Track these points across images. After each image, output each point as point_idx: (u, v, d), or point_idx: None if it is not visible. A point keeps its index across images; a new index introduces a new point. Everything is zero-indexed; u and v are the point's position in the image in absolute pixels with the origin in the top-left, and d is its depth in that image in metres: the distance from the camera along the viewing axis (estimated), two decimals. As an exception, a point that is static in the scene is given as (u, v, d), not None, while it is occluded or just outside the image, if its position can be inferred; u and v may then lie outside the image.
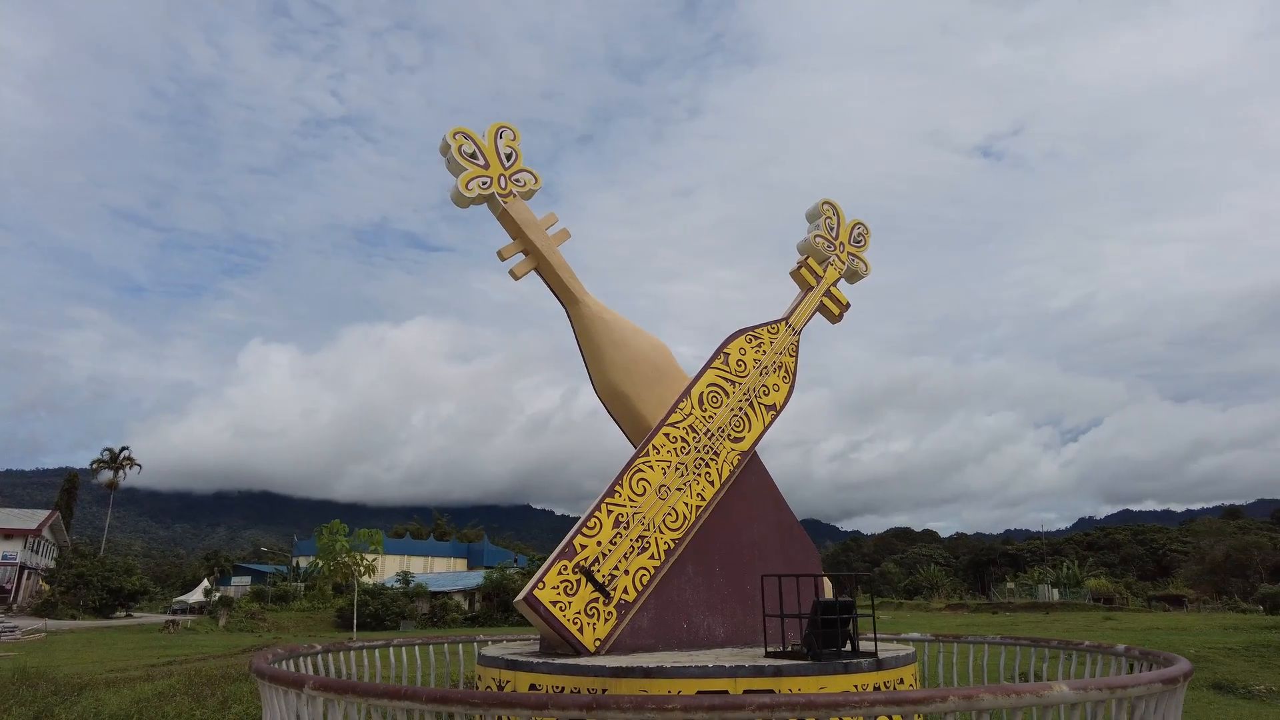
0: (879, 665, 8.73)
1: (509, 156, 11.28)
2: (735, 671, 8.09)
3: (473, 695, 5.92)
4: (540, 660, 8.94)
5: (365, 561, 23.36)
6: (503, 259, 11.11)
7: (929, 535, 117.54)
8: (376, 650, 12.68)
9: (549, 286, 11.39)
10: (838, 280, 12.83)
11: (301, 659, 10.74)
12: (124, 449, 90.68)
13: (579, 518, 10.28)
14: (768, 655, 9.07)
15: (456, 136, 10.97)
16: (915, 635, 13.62)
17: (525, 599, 9.26)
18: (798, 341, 12.09)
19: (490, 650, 10.39)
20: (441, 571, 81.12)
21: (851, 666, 8.46)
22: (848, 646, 8.92)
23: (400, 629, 58.89)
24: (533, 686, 8.68)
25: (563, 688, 8.40)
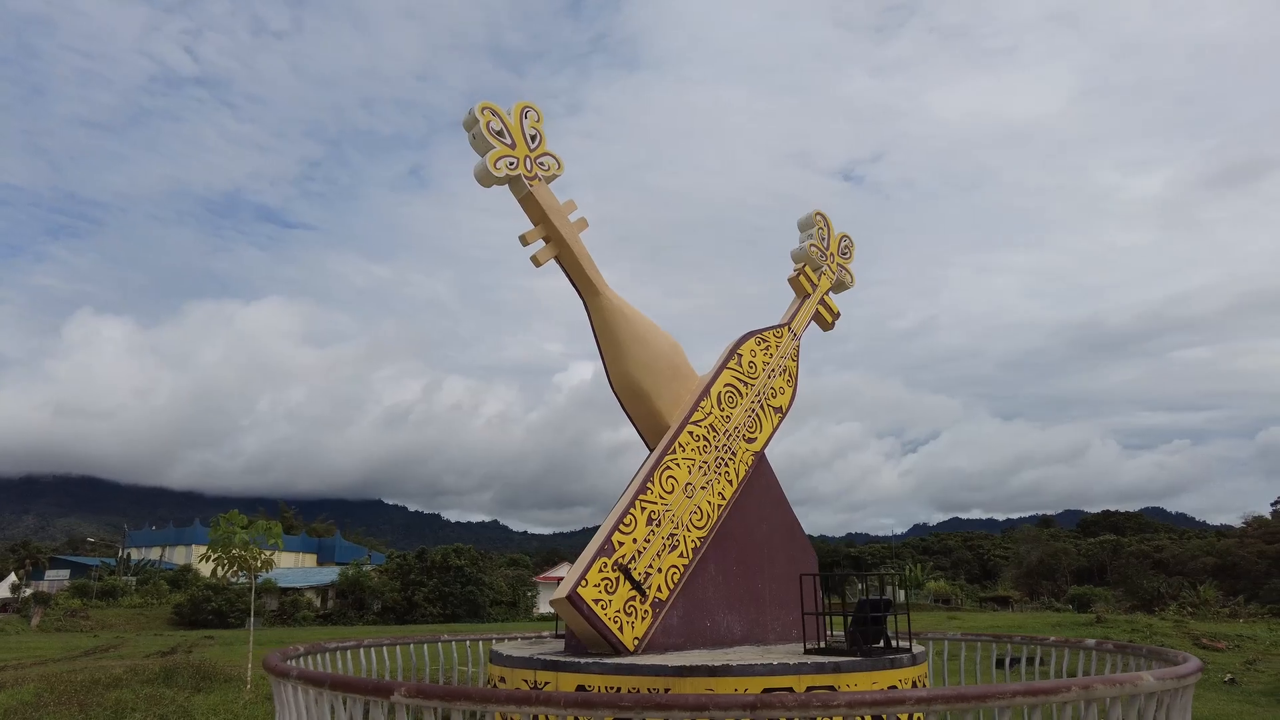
0: (914, 660, 9.12)
1: (533, 138, 10.88)
2: (799, 669, 8.20)
3: (622, 699, 5.70)
4: (589, 660, 8.69)
5: (263, 556, 21.70)
6: (524, 244, 10.68)
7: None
8: (348, 651, 11.86)
9: (568, 276, 11.05)
10: (829, 289, 13.25)
11: (290, 662, 9.88)
12: (-88, 424, 79.18)
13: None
14: (807, 652, 9.24)
15: (484, 112, 10.45)
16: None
17: (568, 597, 8.95)
18: (798, 346, 12.38)
19: (513, 649, 9.97)
20: (289, 567, 76.45)
21: (896, 662, 8.79)
22: (881, 643, 9.24)
23: (246, 626, 55.11)
24: (580, 687, 8.42)
25: (618, 688, 8.20)
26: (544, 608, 74.51)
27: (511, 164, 10.49)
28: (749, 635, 10.47)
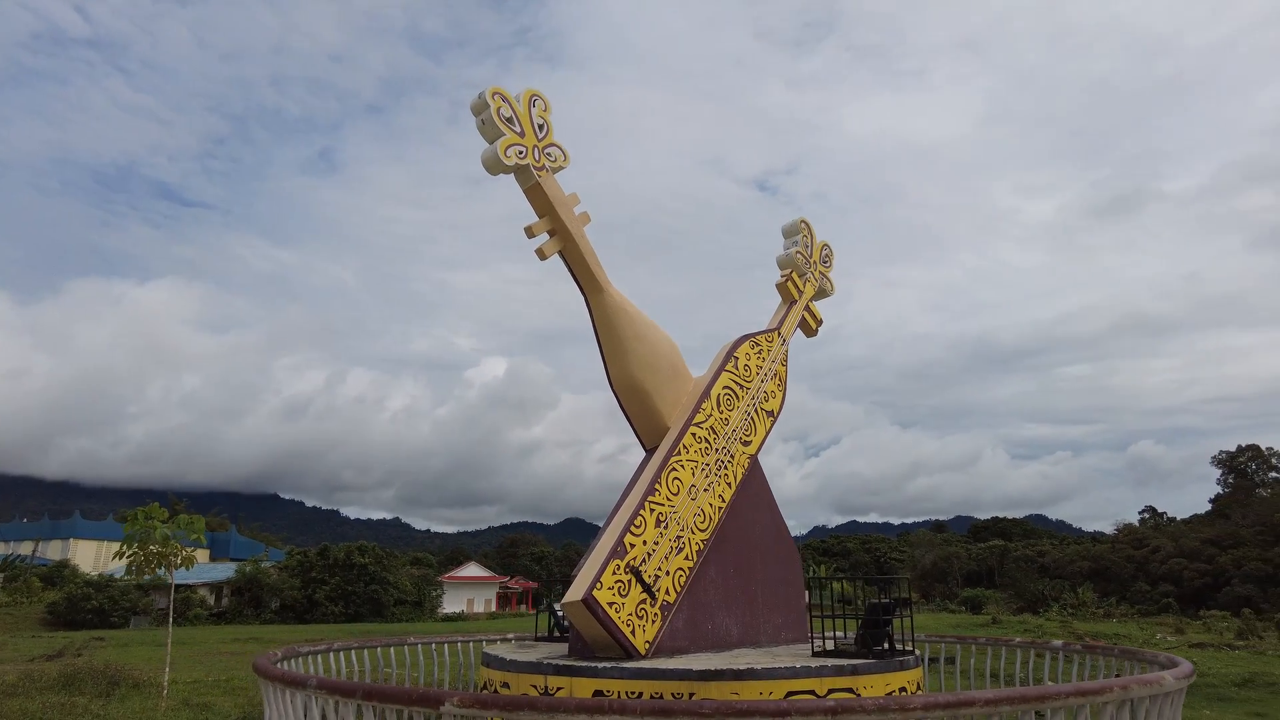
0: (917, 662, 9.34)
1: (541, 127, 10.59)
2: (820, 671, 8.25)
3: (701, 705, 5.56)
4: (608, 665, 8.48)
5: (184, 553, 20.23)
6: (530, 236, 10.38)
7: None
8: (320, 656, 11.23)
9: (571, 271, 10.79)
10: (814, 296, 13.43)
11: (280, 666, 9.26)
12: None
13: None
14: (816, 654, 9.31)
15: (495, 97, 10.10)
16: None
17: (584, 599, 8.71)
18: (787, 351, 12.49)
19: (514, 653, 9.63)
20: (178, 563, 72.10)
21: (905, 664, 8.97)
22: (885, 645, 9.41)
23: (131, 626, 51.73)
24: (598, 692, 8.21)
25: (640, 693, 8.04)
26: (450, 607, 72.89)
27: (520, 153, 10.18)
28: (744, 637, 10.49)
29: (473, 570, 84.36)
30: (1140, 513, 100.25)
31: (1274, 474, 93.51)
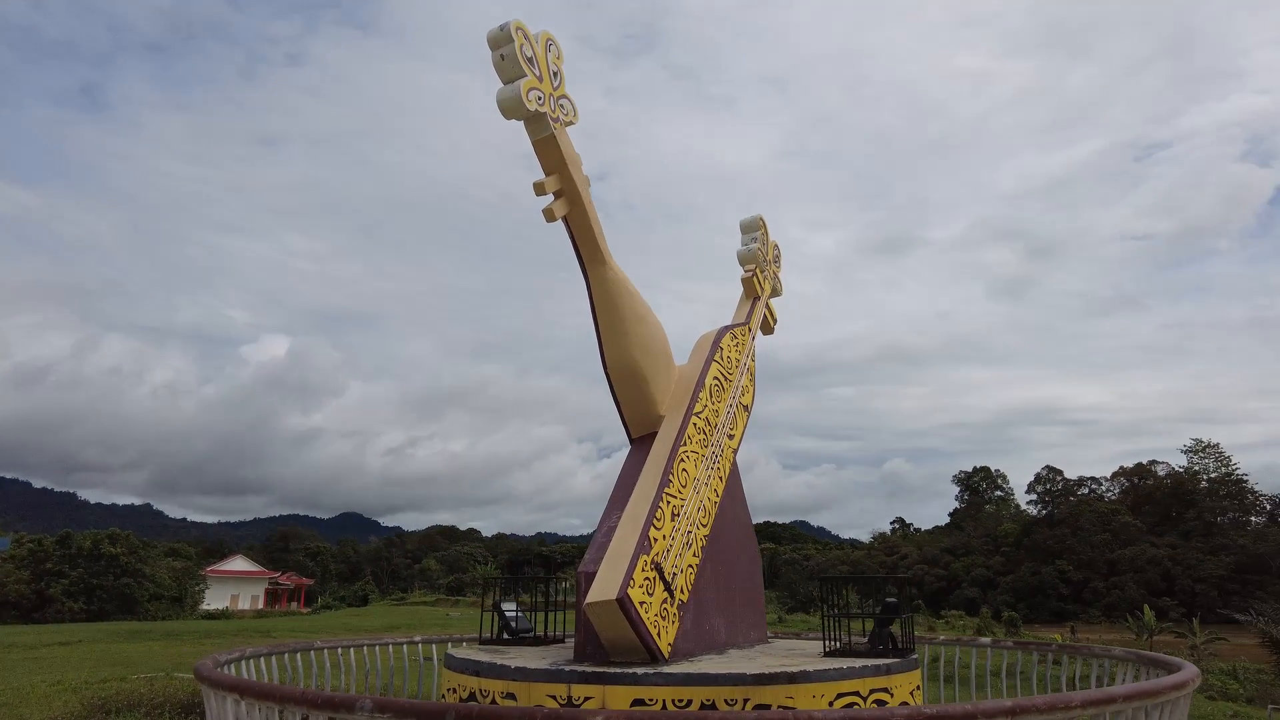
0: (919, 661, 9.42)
1: (555, 75, 9.60)
2: (862, 672, 8.03)
3: (893, 713, 5.10)
4: (648, 670, 7.68)
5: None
6: (538, 194, 9.31)
7: (472, 534, 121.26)
8: (233, 665, 9.33)
9: (573, 238, 9.81)
10: (770, 294, 13.34)
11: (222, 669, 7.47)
12: None
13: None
14: (825, 654, 9.10)
15: (518, 32, 8.98)
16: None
17: (619, 599, 7.84)
18: (755, 346, 12.27)
19: (517, 661, 8.48)
20: None
21: (917, 662, 8.99)
22: (888, 645, 9.40)
23: None
24: (637, 701, 7.43)
25: (688, 700, 7.38)
26: (213, 603, 65.71)
27: (540, 98, 9.13)
28: (730, 638, 10.09)
29: (239, 564, 76.85)
30: (891, 523, 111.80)
31: (998, 492, 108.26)
